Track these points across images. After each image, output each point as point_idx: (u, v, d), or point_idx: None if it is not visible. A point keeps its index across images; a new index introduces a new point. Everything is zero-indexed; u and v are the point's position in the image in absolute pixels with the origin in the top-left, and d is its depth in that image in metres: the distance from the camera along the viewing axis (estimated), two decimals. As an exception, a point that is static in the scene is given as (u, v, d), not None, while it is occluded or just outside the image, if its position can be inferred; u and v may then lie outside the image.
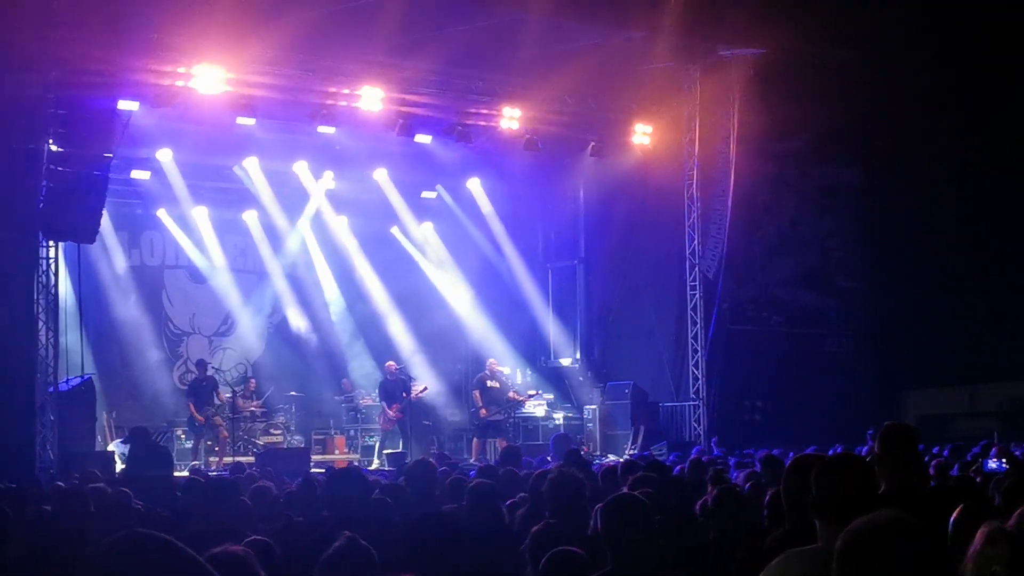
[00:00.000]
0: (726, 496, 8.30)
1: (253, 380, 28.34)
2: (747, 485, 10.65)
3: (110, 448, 24.27)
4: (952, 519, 5.02)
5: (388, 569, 5.70)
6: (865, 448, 17.65)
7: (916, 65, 26.36)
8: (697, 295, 27.09)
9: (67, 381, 23.04)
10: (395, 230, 31.16)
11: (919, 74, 26.53)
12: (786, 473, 6.37)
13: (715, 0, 24.80)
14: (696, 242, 27.00)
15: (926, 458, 16.11)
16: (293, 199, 29.26)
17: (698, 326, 27.04)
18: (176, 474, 18.15)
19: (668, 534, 7.67)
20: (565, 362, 30.92)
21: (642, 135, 27.63)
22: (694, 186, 27.01)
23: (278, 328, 30.87)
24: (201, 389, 25.71)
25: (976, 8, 25.25)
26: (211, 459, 25.08)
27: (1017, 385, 27.10)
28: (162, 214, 28.79)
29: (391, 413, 26.43)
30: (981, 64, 25.95)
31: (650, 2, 24.10)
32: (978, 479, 11.61)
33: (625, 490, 8.76)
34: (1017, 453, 17.63)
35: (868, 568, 3.28)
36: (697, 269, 27.02)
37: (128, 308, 28.34)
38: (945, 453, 17.26)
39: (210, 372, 26.73)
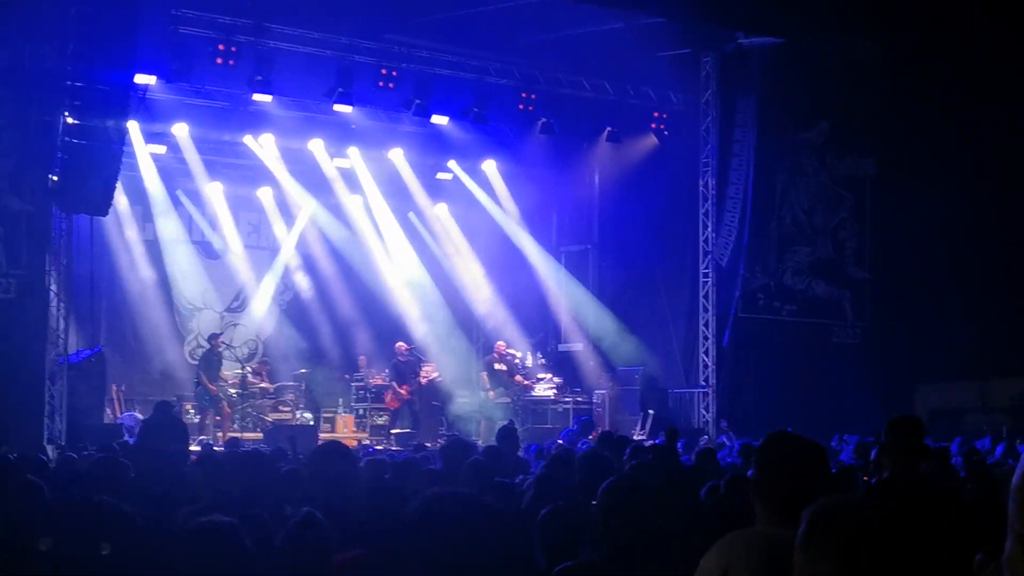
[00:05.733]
0: (736, 483, 8.26)
1: (265, 359, 28.43)
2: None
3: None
4: None
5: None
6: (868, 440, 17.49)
7: (934, 57, 26.24)
8: (710, 282, 27.02)
9: (78, 353, 23.13)
10: (411, 214, 31.17)
11: (937, 66, 26.41)
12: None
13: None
14: (710, 230, 26.92)
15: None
16: (308, 176, 29.22)
17: (709, 313, 26.96)
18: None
19: (671, 518, 7.63)
20: (576, 346, 30.82)
21: (659, 121, 27.57)
22: (709, 173, 26.91)
23: (290, 305, 30.82)
24: (212, 363, 25.74)
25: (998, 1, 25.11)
26: (218, 433, 25.08)
27: (1030, 381, 26.99)
28: (177, 189, 28.78)
29: (401, 392, 26.55)
30: (1001, 57, 25.80)
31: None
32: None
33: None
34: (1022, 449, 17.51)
35: (829, 550, 3.22)
36: (710, 256, 26.94)
37: (140, 282, 28.34)
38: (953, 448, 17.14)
39: (220, 348, 26.71)
